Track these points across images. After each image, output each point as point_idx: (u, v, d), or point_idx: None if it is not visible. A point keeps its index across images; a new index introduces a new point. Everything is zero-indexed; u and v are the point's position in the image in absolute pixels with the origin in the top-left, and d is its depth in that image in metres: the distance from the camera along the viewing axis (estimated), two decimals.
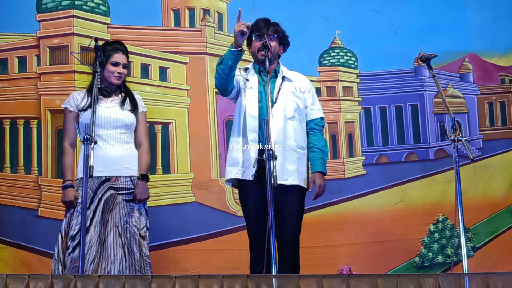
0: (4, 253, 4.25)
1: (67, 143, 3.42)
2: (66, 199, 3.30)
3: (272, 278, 2.64)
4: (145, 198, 3.38)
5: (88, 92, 3.43)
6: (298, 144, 3.34)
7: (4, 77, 4.44)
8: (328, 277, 2.64)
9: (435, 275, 2.64)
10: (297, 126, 3.36)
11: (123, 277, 2.60)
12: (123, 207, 3.31)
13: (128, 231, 3.28)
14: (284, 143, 3.30)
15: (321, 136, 3.39)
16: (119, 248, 3.24)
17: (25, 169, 4.40)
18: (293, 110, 3.34)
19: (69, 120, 3.40)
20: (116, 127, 3.36)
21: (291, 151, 3.31)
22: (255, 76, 3.43)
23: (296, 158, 3.31)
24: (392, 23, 4.60)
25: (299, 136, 3.35)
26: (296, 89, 3.38)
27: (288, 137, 3.32)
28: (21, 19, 4.43)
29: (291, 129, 3.33)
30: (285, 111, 3.33)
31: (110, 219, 3.27)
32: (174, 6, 4.60)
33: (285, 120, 3.32)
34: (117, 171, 3.34)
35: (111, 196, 3.30)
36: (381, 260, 4.33)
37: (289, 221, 3.28)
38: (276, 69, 3.41)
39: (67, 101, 3.44)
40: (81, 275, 2.81)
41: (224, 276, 2.61)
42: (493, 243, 4.54)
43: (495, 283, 2.61)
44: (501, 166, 4.60)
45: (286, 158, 3.28)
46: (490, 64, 4.71)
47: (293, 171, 3.28)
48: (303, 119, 3.38)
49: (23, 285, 2.56)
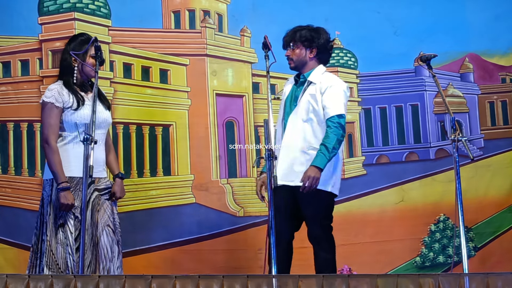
0: (10, 254, 4.28)
1: (53, 140, 3.20)
2: (68, 202, 3.14)
3: (272, 278, 2.64)
4: (123, 195, 3.38)
5: (68, 88, 3.25)
6: (311, 145, 3.36)
7: (7, 80, 4.46)
8: (328, 277, 2.64)
9: (435, 275, 2.64)
10: (314, 128, 3.38)
11: (123, 277, 2.59)
12: (107, 207, 3.28)
13: (117, 229, 3.28)
14: (295, 146, 3.36)
15: (330, 133, 3.33)
16: (114, 246, 3.23)
17: (29, 171, 4.42)
18: (309, 113, 3.38)
19: (55, 115, 3.20)
20: (101, 127, 3.29)
21: (301, 153, 3.36)
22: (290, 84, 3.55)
23: (306, 160, 3.34)
24: (392, 24, 4.59)
25: (314, 138, 3.37)
26: (316, 91, 3.41)
27: (300, 140, 3.37)
28: (23, 22, 4.44)
29: (305, 132, 3.38)
30: (301, 114, 3.39)
31: (99, 220, 3.22)
32: (175, 8, 4.61)
33: (300, 123, 3.39)
34: (100, 173, 3.28)
35: (96, 197, 3.25)
36: (381, 260, 4.33)
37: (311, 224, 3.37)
38: (305, 74, 3.47)
39: (51, 96, 3.22)
40: (81, 275, 2.79)
41: (224, 276, 2.60)
42: (494, 243, 4.52)
43: (495, 283, 2.60)
44: (502, 165, 4.59)
45: (295, 160, 3.35)
46: (491, 64, 4.70)
47: (300, 173, 3.31)
48: (321, 120, 3.39)
49: (23, 285, 2.53)
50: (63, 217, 3.17)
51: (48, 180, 3.24)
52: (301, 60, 3.45)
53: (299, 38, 3.44)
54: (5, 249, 4.30)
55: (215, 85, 4.56)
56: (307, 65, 3.46)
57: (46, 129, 3.23)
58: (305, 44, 3.44)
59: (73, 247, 3.14)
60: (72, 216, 3.17)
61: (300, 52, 3.44)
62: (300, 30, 3.46)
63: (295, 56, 3.44)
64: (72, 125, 3.22)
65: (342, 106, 3.39)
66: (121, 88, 4.45)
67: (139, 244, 4.31)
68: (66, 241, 3.15)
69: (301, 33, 3.45)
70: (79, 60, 3.22)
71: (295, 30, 3.47)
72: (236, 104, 4.58)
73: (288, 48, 3.46)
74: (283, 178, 3.28)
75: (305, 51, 3.45)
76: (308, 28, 3.47)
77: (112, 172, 3.44)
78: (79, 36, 3.35)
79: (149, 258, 4.33)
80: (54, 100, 3.21)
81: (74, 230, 3.16)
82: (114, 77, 4.45)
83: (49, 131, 3.21)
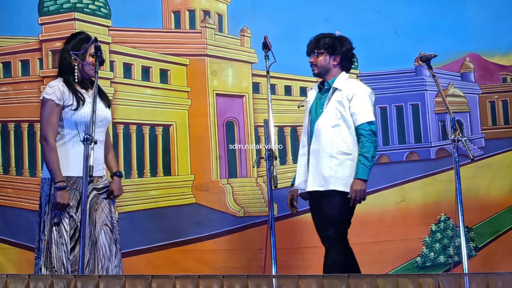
0: (12, 254, 4.30)
1: (52, 138, 3.15)
2: (64, 202, 3.11)
3: (272, 278, 2.64)
4: (121, 193, 3.38)
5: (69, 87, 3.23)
6: (339, 150, 3.40)
7: (7, 81, 4.48)
8: (328, 277, 2.64)
9: (435, 275, 2.64)
10: (342, 133, 3.42)
11: (123, 277, 2.60)
12: (105, 206, 3.27)
13: (115, 228, 3.28)
14: (323, 150, 3.41)
15: (365, 142, 3.39)
16: (112, 245, 3.23)
17: (30, 171, 4.43)
18: (337, 119, 3.43)
19: (55, 113, 3.16)
20: (101, 125, 3.27)
21: (329, 157, 3.40)
22: (314, 91, 3.60)
23: (335, 164, 3.39)
24: (392, 23, 4.59)
25: (344, 143, 3.41)
26: (343, 97, 3.46)
27: (328, 145, 3.41)
28: (23, 22, 4.45)
29: (332, 137, 3.41)
30: (328, 120, 3.43)
31: (97, 219, 3.21)
32: (175, 8, 4.61)
33: (328, 129, 3.43)
34: (99, 172, 3.26)
35: (95, 197, 3.23)
36: (382, 260, 4.32)
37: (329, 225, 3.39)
38: (330, 81, 3.52)
39: (52, 93, 3.18)
40: (81, 275, 2.80)
41: (224, 276, 2.61)
42: (495, 243, 4.51)
43: (495, 283, 2.60)
44: (503, 165, 4.58)
45: (323, 165, 3.40)
46: (491, 64, 4.69)
47: (329, 177, 3.37)
48: (350, 125, 3.43)
49: (23, 285, 2.54)
50: (57, 216, 3.15)
51: (46, 178, 3.21)
52: (324, 67, 3.51)
53: (322, 45, 3.51)
54: (7, 249, 4.32)
55: (215, 85, 4.56)
56: (331, 72, 3.53)
57: (45, 126, 3.18)
58: (328, 51, 3.51)
59: (68, 246, 3.12)
60: (67, 215, 3.14)
61: (323, 59, 3.51)
62: (324, 37, 3.54)
63: (318, 62, 3.51)
64: (71, 124, 3.20)
65: (371, 112, 3.45)
66: (121, 88, 4.46)
67: (139, 244, 4.31)
68: (61, 240, 3.12)
69: (324, 40, 3.52)
70: (79, 60, 3.21)
71: (319, 38, 3.55)
72: (236, 104, 4.58)
73: (312, 55, 3.54)
74: (313, 184, 3.40)
75: (328, 58, 3.51)
76: (331, 36, 3.55)
77: (110, 171, 3.42)
78: (78, 35, 3.33)
79: (149, 258, 4.33)
80: (54, 97, 3.17)
81: (69, 229, 3.14)
82: (114, 77, 4.45)
83: (48, 128, 3.17)
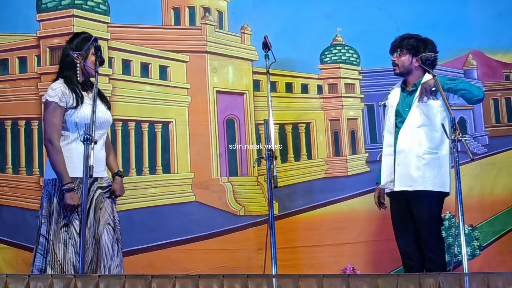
0: (8, 253, 4.28)
1: (57, 140, 3.21)
2: (75, 203, 3.14)
3: (272, 278, 2.64)
4: (123, 193, 3.42)
5: (70, 86, 3.27)
6: (426, 150, 3.45)
7: (4, 78, 4.46)
8: (328, 276, 2.65)
9: (435, 275, 2.65)
10: (428, 132, 3.46)
11: (123, 277, 2.62)
12: (108, 205, 3.31)
13: (117, 227, 3.31)
14: (411, 151, 3.45)
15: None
16: (114, 244, 3.26)
17: (26, 170, 4.41)
18: (422, 119, 3.47)
19: (58, 115, 3.21)
20: (103, 127, 3.34)
21: (417, 158, 3.44)
22: (397, 90, 3.62)
23: (423, 164, 3.43)
24: (394, 20, 4.59)
25: (429, 142, 3.46)
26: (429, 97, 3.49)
27: (416, 145, 3.45)
28: (21, 19, 4.45)
29: (419, 137, 3.46)
30: (416, 120, 3.46)
31: (101, 218, 3.26)
32: (174, 4, 4.60)
33: (413, 129, 3.47)
34: (102, 172, 3.33)
35: (100, 195, 3.29)
36: (385, 259, 4.29)
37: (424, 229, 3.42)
38: (416, 82, 3.55)
39: (55, 95, 3.23)
40: (81, 275, 2.80)
41: (224, 276, 2.62)
42: (500, 242, 4.51)
43: (495, 283, 2.62)
44: (507, 163, 4.57)
45: (411, 165, 3.43)
46: (494, 61, 4.69)
47: (418, 177, 3.41)
48: (434, 124, 3.46)
49: (23, 285, 2.56)
50: (67, 217, 3.19)
51: (50, 180, 3.24)
52: (406, 67, 3.56)
53: (406, 45, 3.56)
54: (3, 249, 4.30)
55: (216, 82, 4.55)
56: (413, 73, 3.57)
57: (49, 128, 3.23)
58: (411, 52, 3.54)
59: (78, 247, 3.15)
60: (76, 216, 3.19)
61: (405, 59, 3.55)
62: (409, 38, 3.58)
63: (400, 62, 3.56)
64: (74, 125, 3.23)
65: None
66: (120, 85, 4.45)
67: (138, 243, 4.30)
68: (71, 241, 3.16)
69: (408, 41, 3.57)
70: (81, 59, 3.25)
71: (403, 38, 3.60)
72: (237, 101, 4.57)
73: (395, 54, 3.58)
74: (401, 184, 3.43)
75: (410, 59, 3.54)
76: (416, 37, 3.58)
77: (111, 171, 3.47)
78: (82, 34, 3.38)
79: (149, 257, 4.32)
80: (58, 99, 3.22)
81: (79, 230, 3.16)
82: (113, 74, 4.45)
83: (52, 130, 3.21)
